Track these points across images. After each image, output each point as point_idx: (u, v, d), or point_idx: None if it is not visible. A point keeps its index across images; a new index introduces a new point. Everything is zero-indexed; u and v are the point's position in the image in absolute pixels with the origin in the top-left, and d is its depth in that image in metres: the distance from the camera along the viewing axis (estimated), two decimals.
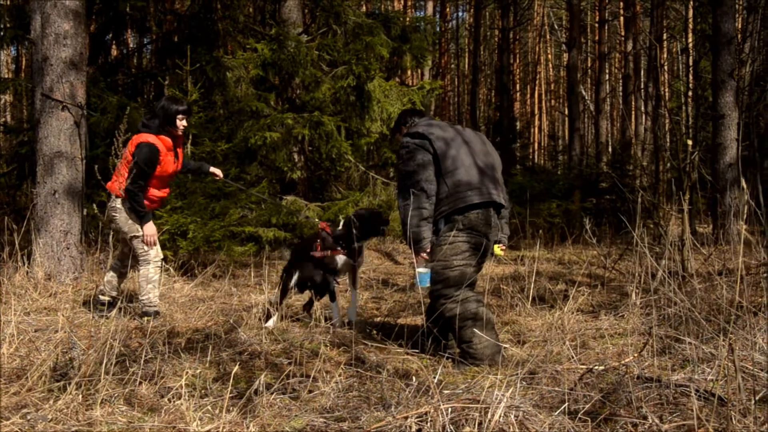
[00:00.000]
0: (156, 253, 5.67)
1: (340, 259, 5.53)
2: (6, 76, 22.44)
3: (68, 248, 6.86)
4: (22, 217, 7.24)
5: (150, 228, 5.53)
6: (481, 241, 4.61)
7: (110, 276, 5.89)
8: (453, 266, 4.52)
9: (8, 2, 15.94)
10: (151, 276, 5.65)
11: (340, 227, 5.73)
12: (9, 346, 4.30)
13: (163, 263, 7.40)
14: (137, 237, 5.59)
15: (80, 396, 3.40)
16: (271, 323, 5.44)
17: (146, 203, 5.61)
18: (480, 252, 4.67)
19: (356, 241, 5.49)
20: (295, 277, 5.66)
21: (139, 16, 11.59)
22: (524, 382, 3.71)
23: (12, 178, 11.87)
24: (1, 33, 11.07)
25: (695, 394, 3.34)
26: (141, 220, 5.51)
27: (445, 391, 3.63)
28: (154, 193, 5.66)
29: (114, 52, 13.83)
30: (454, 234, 4.51)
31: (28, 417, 3.23)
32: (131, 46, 15.20)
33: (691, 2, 22.01)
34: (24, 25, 10.22)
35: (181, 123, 5.63)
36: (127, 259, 5.77)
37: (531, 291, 5.93)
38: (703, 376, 3.68)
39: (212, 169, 6.14)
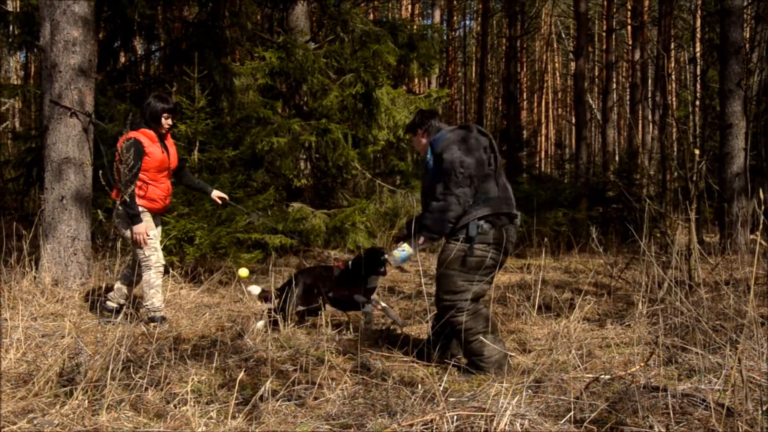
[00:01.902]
0: (157, 258, 5.67)
1: (359, 298, 5.65)
2: (15, 83, 22.56)
3: (75, 254, 6.88)
4: (30, 223, 7.27)
5: (139, 227, 5.49)
6: (502, 259, 4.58)
7: (119, 284, 5.91)
8: (475, 281, 4.47)
9: (17, 9, 16.04)
10: (153, 281, 5.65)
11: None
12: (16, 351, 4.32)
13: (170, 269, 7.43)
14: None
15: (86, 401, 3.41)
16: (261, 324, 5.51)
17: (148, 204, 5.60)
18: (498, 268, 4.64)
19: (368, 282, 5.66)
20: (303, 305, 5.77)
21: (147, 23, 11.63)
22: (530, 391, 3.70)
23: (20, 184, 11.91)
24: (11, 39, 11.13)
25: (702, 404, 3.33)
26: (132, 219, 5.50)
27: (451, 399, 3.63)
28: (154, 191, 5.64)
29: (122, 59, 13.88)
30: (484, 248, 4.43)
31: (35, 422, 3.25)
32: (139, 53, 15.27)
33: (699, 12, 22.01)
34: (33, 31, 10.27)
35: (166, 122, 5.65)
36: (137, 267, 5.78)
37: (537, 299, 5.92)
38: (710, 386, 3.67)
39: (215, 193, 6.10)
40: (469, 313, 4.43)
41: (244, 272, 4.36)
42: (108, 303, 5.86)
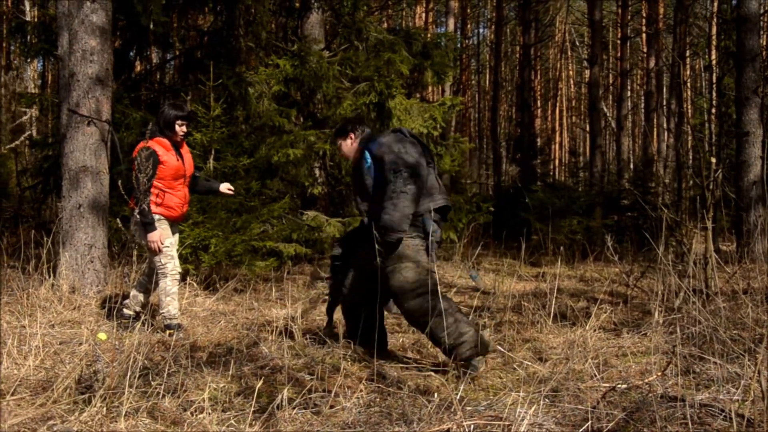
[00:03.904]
0: (173, 266, 5.69)
1: None
2: (32, 91, 22.76)
3: (92, 261, 6.92)
4: (47, 231, 7.32)
5: (153, 236, 5.52)
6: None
7: (135, 291, 5.94)
8: (425, 272, 4.63)
9: (35, 19, 16.20)
10: (169, 289, 5.68)
11: None
12: (35, 359, 4.35)
13: (186, 276, 7.47)
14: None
15: (105, 408, 3.43)
16: None
17: (166, 212, 5.64)
18: None
19: None
20: None
21: (162, 32, 11.69)
22: (547, 400, 3.69)
23: (37, 192, 11.99)
24: (28, 48, 11.24)
25: (721, 415, 3.31)
26: (146, 228, 5.54)
27: (468, 408, 3.62)
28: (171, 199, 5.68)
29: (137, 67, 13.96)
30: (422, 241, 4.68)
31: (55, 428, 3.27)
32: (155, 61, 15.36)
33: (715, 19, 21.93)
34: (50, 40, 10.36)
35: (181, 129, 5.68)
36: (154, 275, 5.81)
37: (552, 308, 5.89)
38: (728, 396, 3.64)
39: (222, 186, 6.11)
40: (424, 301, 4.54)
41: (102, 336, 4.39)
42: (124, 310, 5.90)
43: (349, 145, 5.07)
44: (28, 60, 22.26)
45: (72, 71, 6.98)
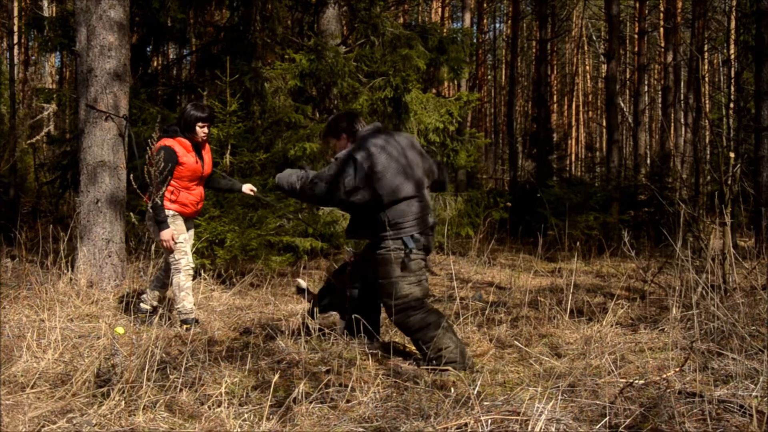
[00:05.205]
0: (186, 262, 5.71)
1: None
2: (50, 87, 22.93)
3: (110, 256, 6.96)
4: (66, 225, 7.38)
5: (165, 234, 5.54)
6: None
7: (152, 287, 5.98)
8: (420, 281, 4.62)
9: (53, 14, 16.32)
10: (183, 284, 5.70)
11: None
12: (54, 352, 4.39)
13: (202, 272, 7.50)
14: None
15: (123, 402, 3.46)
16: None
17: (180, 209, 5.65)
18: None
19: None
20: None
21: (178, 27, 11.74)
22: (564, 395, 3.68)
23: (55, 187, 12.09)
24: (46, 42, 11.31)
25: (739, 411, 3.29)
26: (159, 225, 5.55)
27: (485, 403, 3.61)
28: (187, 197, 5.70)
29: (154, 63, 14.03)
30: (416, 252, 4.58)
31: (74, 421, 3.30)
32: (171, 57, 15.43)
33: (734, 13, 21.73)
34: (68, 35, 10.43)
35: (201, 131, 5.67)
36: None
37: (569, 303, 5.87)
38: (747, 392, 3.62)
39: (245, 187, 6.07)
40: (422, 311, 4.57)
41: (120, 330, 4.40)
42: (142, 305, 5.93)
43: (344, 144, 4.98)
44: (46, 55, 22.42)
45: (90, 67, 7.02)
